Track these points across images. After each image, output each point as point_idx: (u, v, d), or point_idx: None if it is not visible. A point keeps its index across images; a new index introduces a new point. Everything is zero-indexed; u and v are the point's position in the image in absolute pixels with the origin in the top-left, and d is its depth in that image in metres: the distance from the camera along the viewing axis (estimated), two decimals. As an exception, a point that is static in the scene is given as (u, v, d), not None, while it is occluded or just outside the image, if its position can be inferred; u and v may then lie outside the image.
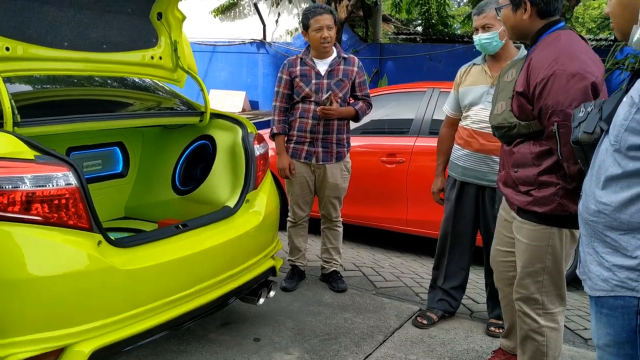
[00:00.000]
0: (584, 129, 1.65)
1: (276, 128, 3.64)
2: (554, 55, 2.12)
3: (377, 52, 10.10)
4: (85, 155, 3.22)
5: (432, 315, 3.39)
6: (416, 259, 5.02)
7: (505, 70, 2.46)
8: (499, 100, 2.37)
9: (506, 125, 2.28)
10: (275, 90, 3.65)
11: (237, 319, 3.28)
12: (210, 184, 3.08)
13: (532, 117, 2.21)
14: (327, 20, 3.45)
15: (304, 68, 3.57)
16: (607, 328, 1.51)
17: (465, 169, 3.18)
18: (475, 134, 3.10)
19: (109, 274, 2.11)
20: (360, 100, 3.72)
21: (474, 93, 3.12)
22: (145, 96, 3.33)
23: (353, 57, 3.70)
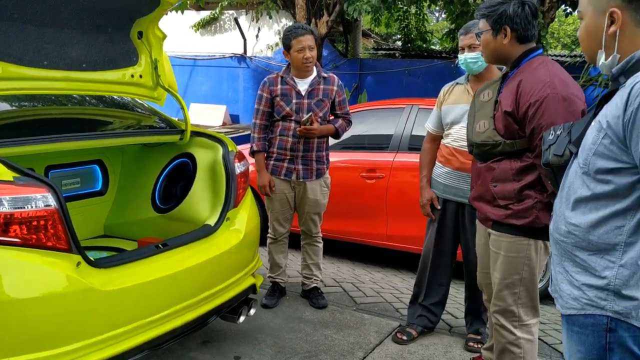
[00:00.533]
0: (554, 151, 1.70)
1: (256, 145, 3.64)
2: (546, 79, 2.23)
3: (357, 67, 10.19)
4: (64, 174, 3.20)
5: (411, 331, 3.42)
6: (396, 274, 5.06)
7: (481, 90, 2.54)
8: (478, 118, 2.45)
9: (490, 143, 2.36)
10: (255, 107, 3.66)
11: (218, 337, 3.27)
12: (190, 202, 3.08)
13: (517, 136, 2.30)
14: (309, 40, 3.48)
15: (285, 87, 3.59)
16: (578, 346, 1.54)
17: (446, 187, 3.23)
18: (456, 152, 3.16)
19: (88, 295, 2.10)
20: (340, 118, 3.76)
21: (455, 112, 3.17)
22: (125, 114, 3.34)
23: (332, 75, 3.74)
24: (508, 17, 2.31)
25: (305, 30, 3.49)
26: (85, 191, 3.35)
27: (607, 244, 1.44)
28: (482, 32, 2.41)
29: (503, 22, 2.32)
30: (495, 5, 2.34)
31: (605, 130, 1.41)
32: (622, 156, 1.38)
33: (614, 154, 1.40)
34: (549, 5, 7.04)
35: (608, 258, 1.44)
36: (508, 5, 2.32)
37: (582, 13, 1.56)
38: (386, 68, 10.05)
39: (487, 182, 2.43)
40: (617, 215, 1.42)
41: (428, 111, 4.83)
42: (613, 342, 1.46)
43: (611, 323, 1.45)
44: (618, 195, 1.41)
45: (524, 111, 2.25)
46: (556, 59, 9.04)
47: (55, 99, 3.05)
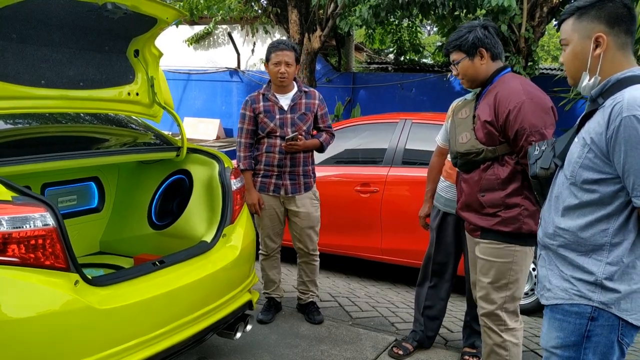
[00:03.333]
0: (541, 165, 1.88)
1: (242, 164, 3.63)
2: (520, 88, 2.50)
3: (350, 81, 10.26)
4: (60, 191, 3.21)
5: (407, 345, 3.44)
6: (392, 288, 5.07)
7: (459, 109, 2.77)
8: (459, 133, 2.65)
9: (474, 151, 2.55)
10: (239, 126, 3.67)
11: (214, 354, 3.27)
12: (186, 219, 3.10)
13: (497, 142, 2.52)
14: (287, 57, 3.51)
15: (267, 104, 3.61)
16: (558, 332, 1.75)
17: (447, 200, 3.27)
18: None
19: (86, 314, 2.11)
20: (324, 132, 3.79)
21: None
22: (121, 132, 3.35)
23: (313, 90, 3.77)
24: (480, 40, 2.60)
25: (285, 46, 3.52)
26: (82, 208, 3.35)
27: (595, 244, 1.66)
28: (458, 62, 2.65)
29: (478, 46, 2.60)
30: (463, 35, 2.62)
31: (590, 145, 1.62)
32: (605, 168, 1.59)
33: (598, 166, 1.61)
34: (539, 20, 7.13)
35: (596, 257, 1.66)
36: (475, 30, 2.61)
37: (567, 40, 1.73)
38: (379, 82, 10.13)
39: (474, 192, 2.60)
40: (603, 219, 1.64)
41: (421, 125, 4.92)
42: (592, 329, 1.68)
43: (594, 312, 1.67)
44: (603, 203, 1.63)
45: (505, 118, 2.46)
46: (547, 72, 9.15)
47: (52, 117, 3.07)
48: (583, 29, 1.68)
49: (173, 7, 2.93)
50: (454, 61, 2.67)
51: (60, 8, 2.54)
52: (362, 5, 7.20)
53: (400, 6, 6.92)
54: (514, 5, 6.26)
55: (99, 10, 2.58)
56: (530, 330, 3.86)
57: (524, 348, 3.53)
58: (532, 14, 7.09)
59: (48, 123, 3.07)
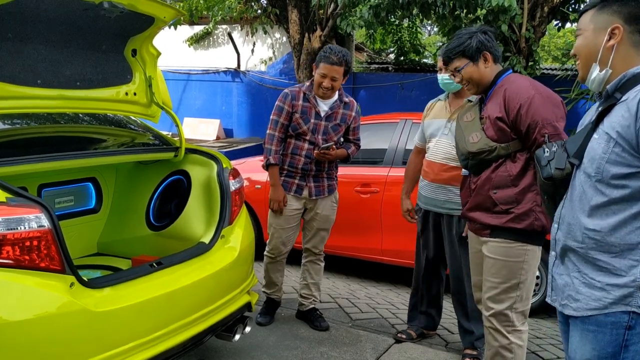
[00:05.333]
0: (556, 165, 1.82)
1: (273, 158, 3.51)
2: (527, 84, 2.52)
3: (351, 81, 10.21)
4: (57, 192, 3.18)
5: (410, 332, 3.60)
6: (392, 289, 5.04)
7: (463, 114, 2.77)
8: (467, 134, 2.62)
9: (486, 149, 2.53)
10: (273, 118, 3.53)
11: (213, 356, 3.24)
12: (185, 220, 3.07)
13: (510, 139, 2.51)
14: (335, 72, 3.38)
15: (306, 105, 3.51)
16: (592, 344, 1.65)
17: (426, 198, 3.41)
18: (432, 165, 3.35)
19: (82, 317, 2.08)
20: (352, 143, 3.76)
21: (434, 126, 3.37)
22: (119, 132, 3.33)
23: (352, 101, 3.70)
24: (483, 44, 2.61)
25: (337, 61, 3.36)
26: (79, 209, 3.32)
27: (630, 244, 1.56)
28: (462, 68, 2.64)
29: (482, 50, 2.61)
30: (465, 41, 2.62)
31: (616, 139, 1.56)
32: (635, 161, 1.54)
33: (627, 160, 1.55)
34: (539, 20, 7.10)
35: (631, 257, 1.57)
36: (475, 36, 2.62)
37: (582, 30, 1.72)
38: (379, 82, 10.10)
39: (485, 191, 2.58)
40: (636, 216, 1.56)
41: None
42: (630, 338, 1.58)
43: (632, 320, 1.57)
44: (635, 198, 1.55)
45: (516, 112, 2.47)
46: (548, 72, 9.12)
47: (49, 118, 3.04)
48: (601, 21, 1.67)
49: (170, 5, 2.90)
50: (457, 68, 2.66)
51: (56, 7, 2.52)
52: (363, 5, 7.17)
53: (401, 6, 6.88)
54: (515, 5, 6.23)
55: (96, 9, 2.55)
56: (531, 332, 3.83)
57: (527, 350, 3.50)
58: (533, 14, 7.05)
59: (45, 123, 3.05)
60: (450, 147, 3.24)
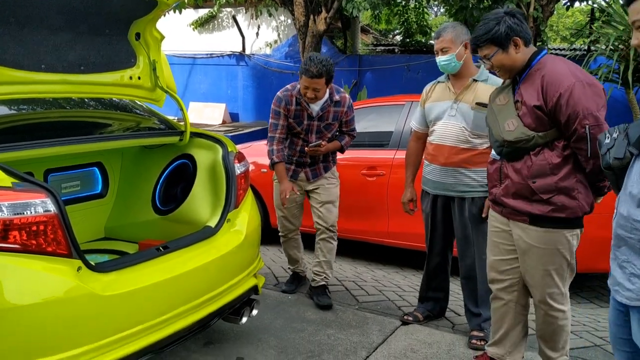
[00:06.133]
0: (614, 154, 1.79)
1: (277, 157, 3.67)
2: (567, 71, 2.41)
3: (356, 63, 10.16)
4: (63, 177, 3.18)
5: (417, 314, 3.62)
6: (398, 271, 5.05)
7: (494, 96, 2.68)
8: (501, 120, 2.56)
9: (524, 138, 2.47)
10: (272, 122, 3.70)
11: (220, 338, 3.27)
12: (190, 204, 3.07)
13: (547, 128, 2.44)
14: (315, 84, 3.47)
15: (298, 108, 3.65)
16: None
17: (435, 183, 3.36)
18: (441, 148, 3.28)
19: (90, 300, 2.09)
20: (346, 135, 3.87)
21: (438, 108, 3.30)
22: (124, 116, 3.32)
23: (344, 96, 3.76)
24: (512, 30, 2.48)
25: (316, 74, 3.43)
26: (85, 194, 3.33)
27: None
28: (491, 56, 2.53)
29: (511, 36, 2.48)
30: (492, 28, 2.50)
31: None
32: None
33: None
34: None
35: None
36: (503, 21, 2.49)
37: None
38: (385, 64, 10.02)
39: (522, 179, 2.52)
40: None
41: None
42: None
43: None
44: None
45: (555, 102, 2.37)
46: (556, 53, 9.00)
47: (53, 102, 3.04)
48: None
49: (174, -12, 2.87)
50: (486, 56, 2.56)
51: (58, -10, 2.50)
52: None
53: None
54: (523, -17, 6.14)
55: (98, -8, 2.53)
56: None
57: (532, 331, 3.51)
58: (541, -8, 6.96)
59: (50, 108, 3.04)
60: (459, 129, 3.20)
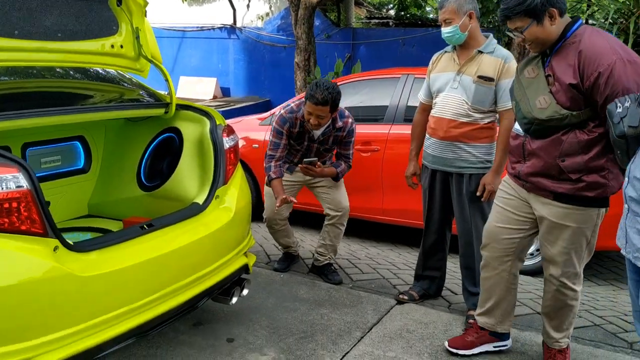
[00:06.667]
0: (629, 123, 1.77)
1: (274, 173, 3.54)
2: (607, 46, 2.22)
3: (350, 36, 9.93)
4: (43, 151, 3.03)
5: (413, 293, 3.52)
6: (393, 249, 4.95)
7: (522, 67, 2.53)
8: (532, 95, 2.41)
9: (557, 117, 2.31)
10: (273, 140, 3.56)
11: (210, 319, 3.16)
12: (177, 180, 2.93)
13: (582, 107, 2.28)
14: (320, 111, 3.37)
15: (301, 131, 3.57)
16: None
17: (434, 157, 3.25)
18: (440, 121, 3.17)
19: (68, 282, 1.96)
20: (343, 161, 3.74)
21: (441, 80, 3.19)
22: (107, 87, 3.15)
23: (347, 121, 3.63)
24: (547, 1, 2.29)
25: (321, 101, 3.33)
26: (67, 169, 3.18)
27: None
28: (525, 29, 2.36)
29: (546, 7, 2.30)
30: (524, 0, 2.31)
31: None
32: None
33: None
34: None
35: None
36: None
37: None
38: (380, 37, 9.82)
39: (551, 157, 2.40)
40: None
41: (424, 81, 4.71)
42: None
43: None
44: None
45: (593, 81, 2.21)
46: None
47: (29, 72, 2.86)
48: None
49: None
50: (518, 28, 2.36)
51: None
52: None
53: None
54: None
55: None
56: (535, 292, 3.75)
57: (531, 310, 3.43)
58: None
59: (26, 78, 2.87)
60: (460, 102, 3.08)
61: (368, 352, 2.88)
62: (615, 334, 3.16)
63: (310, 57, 8.17)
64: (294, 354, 2.83)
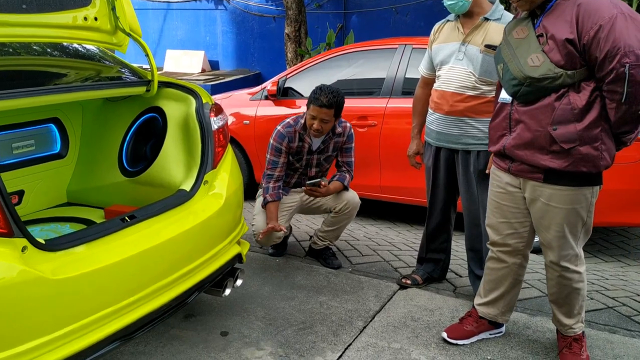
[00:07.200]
0: None
1: (270, 196, 3.36)
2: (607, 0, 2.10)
3: (342, 5, 9.58)
4: (14, 135, 2.77)
5: (416, 277, 3.34)
6: (392, 227, 4.77)
7: (511, 29, 2.35)
8: (522, 55, 2.24)
9: (550, 76, 2.15)
10: (271, 159, 3.39)
11: (202, 311, 2.97)
12: (161, 164, 2.70)
13: (578, 66, 2.13)
14: (324, 114, 3.24)
15: (300, 144, 3.41)
16: None
17: (438, 134, 3.05)
18: (445, 95, 2.96)
19: (39, 287, 1.74)
20: (346, 172, 3.57)
21: (445, 51, 2.98)
22: (82, 64, 2.89)
23: (345, 125, 3.51)
24: None
25: (326, 104, 3.21)
26: (42, 154, 2.93)
27: None
28: None
29: None
30: None
31: None
32: None
33: None
34: None
35: None
36: None
37: None
38: (372, 6, 9.46)
39: (541, 125, 2.22)
40: None
41: (423, 51, 4.43)
42: None
43: None
44: None
45: (593, 35, 2.06)
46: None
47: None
48: None
49: None
50: None
51: None
52: None
53: None
54: None
55: None
56: (543, 272, 3.57)
57: (540, 293, 3.27)
58: None
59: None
60: (466, 74, 2.88)
61: (372, 344, 2.70)
62: (630, 316, 3.00)
63: (301, 28, 7.86)
64: (292, 348, 2.65)
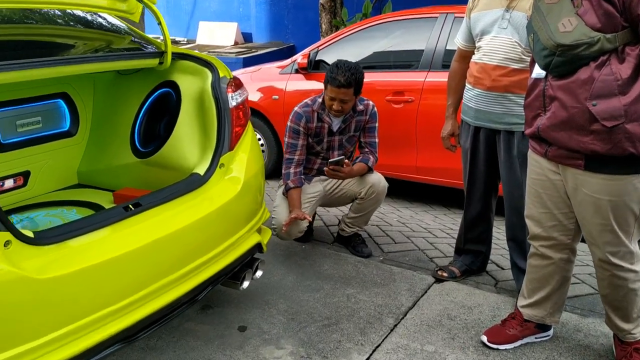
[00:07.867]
0: None
1: (292, 182, 3.14)
2: None
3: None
4: (18, 112, 2.57)
5: (454, 269, 3.07)
6: (427, 210, 4.48)
7: None
8: (553, 20, 1.94)
9: (585, 41, 1.86)
10: (289, 142, 3.19)
11: (220, 302, 2.77)
12: (174, 145, 2.47)
13: (619, 28, 1.84)
14: (343, 94, 3.02)
15: (319, 125, 3.20)
16: None
17: (478, 112, 2.75)
18: (486, 68, 2.65)
19: (23, 287, 1.54)
20: (369, 153, 3.30)
21: (486, 19, 2.66)
22: (92, 34, 2.66)
23: (367, 103, 3.27)
24: None
25: (344, 83, 2.99)
26: (50, 132, 2.73)
27: None
28: None
29: None
30: None
31: None
32: None
33: None
34: None
35: None
36: None
37: None
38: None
39: (578, 100, 1.92)
40: None
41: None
42: None
43: None
44: None
45: None
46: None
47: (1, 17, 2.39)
48: None
49: None
50: None
51: None
52: None
53: None
54: None
55: None
56: (596, 266, 3.24)
57: (592, 290, 2.95)
58: None
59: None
60: (511, 45, 2.56)
61: (403, 345, 2.45)
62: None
63: (336, -3, 7.50)
64: (315, 347, 2.42)
